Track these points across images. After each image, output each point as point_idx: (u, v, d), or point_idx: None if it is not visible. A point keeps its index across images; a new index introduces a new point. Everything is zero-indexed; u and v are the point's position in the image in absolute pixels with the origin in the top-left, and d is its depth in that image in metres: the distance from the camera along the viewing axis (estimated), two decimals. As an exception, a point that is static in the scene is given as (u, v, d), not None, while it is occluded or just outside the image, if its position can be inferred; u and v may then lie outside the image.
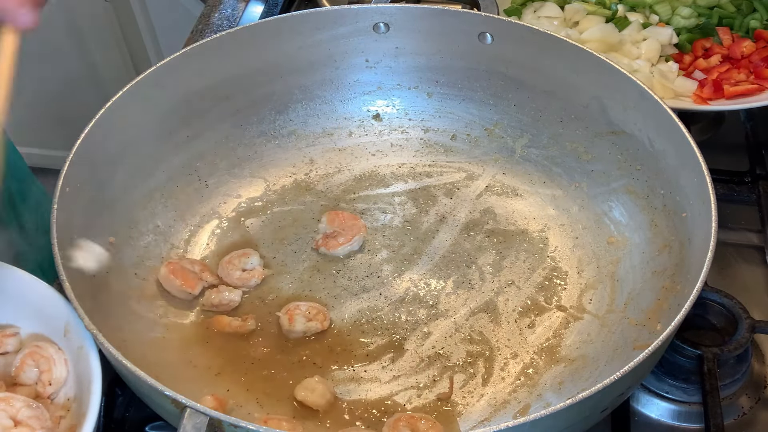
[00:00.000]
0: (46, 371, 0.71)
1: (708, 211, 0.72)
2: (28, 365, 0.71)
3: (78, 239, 0.75)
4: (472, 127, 0.98)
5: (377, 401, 0.76)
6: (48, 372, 0.71)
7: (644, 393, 0.80)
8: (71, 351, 0.71)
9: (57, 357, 0.71)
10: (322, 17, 0.93)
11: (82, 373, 0.69)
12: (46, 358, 0.71)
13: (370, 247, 0.90)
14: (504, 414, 0.75)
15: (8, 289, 0.74)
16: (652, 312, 0.76)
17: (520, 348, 0.81)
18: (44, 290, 0.72)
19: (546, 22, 1.16)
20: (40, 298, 0.72)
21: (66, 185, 0.75)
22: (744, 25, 1.16)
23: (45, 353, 0.71)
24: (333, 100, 0.99)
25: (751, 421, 0.78)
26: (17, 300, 0.74)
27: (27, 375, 0.71)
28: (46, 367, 0.71)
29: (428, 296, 0.85)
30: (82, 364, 0.69)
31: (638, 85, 0.82)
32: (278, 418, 0.73)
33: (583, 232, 0.89)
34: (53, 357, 0.71)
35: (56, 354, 0.71)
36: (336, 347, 0.80)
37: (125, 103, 0.82)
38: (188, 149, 0.92)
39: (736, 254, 0.93)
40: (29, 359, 0.71)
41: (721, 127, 1.10)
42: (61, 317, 0.71)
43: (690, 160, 0.76)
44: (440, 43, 0.95)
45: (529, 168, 0.95)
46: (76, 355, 0.70)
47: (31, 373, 0.71)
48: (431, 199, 0.95)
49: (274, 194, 0.95)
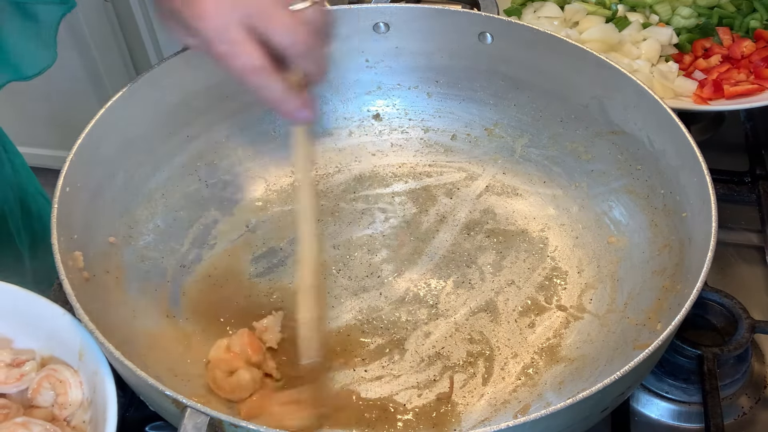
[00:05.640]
0: (62, 394, 0.71)
1: (708, 211, 0.72)
2: (44, 388, 0.71)
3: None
4: (472, 127, 0.98)
5: (377, 401, 0.76)
6: (64, 395, 0.71)
7: (644, 393, 0.80)
8: (87, 374, 0.71)
9: (73, 380, 0.71)
10: (322, 17, 0.93)
11: (98, 396, 0.69)
12: (62, 382, 0.71)
13: (370, 247, 0.90)
14: (504, 414, 0.75)
15: (22, 311, 0.74)
16: (652, 312, 0.76)
17: (521, 348, 0.81)
18: (59, 314, 0.72)
19: (546, 22, 1.16)
20: (54, 321, 0.72)
21: (66, 185, 0.75)
22: (744, 25, 1.16)
23: (61, 376, 0.71)
24: (333, 100, 0.99)
25: (751, 421, 0.78)
26: (31, 323, 0.74)
27: (43, 398, 0.71)
28: (62, 390, 0.71)
29: (428, 296, 0.85)
30: (98, 388, 0.69)
31: (638, 85, 0.82)
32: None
33: (583, 231, 0.89)
34: (69, 380, 0.71)
35: (72, 377, 0.71)
36: (336, 347, 0.80)
37: (125, 103, 0.82)
38: (188, 149, 0.91)
39: (736, 254, 0.93)
40: (45, 382, 0.71)
41: (721, 127, 1.10)
42: (75, 341, 0.71)
43: (690, 160, 0.76)
44: (440, 43, 0.95)
45: (529, 168, 0.95)
46: (92, 379, 0.70)
47: (47, 395, 0.71)
48: (431, 199, 0.95)
49: (274, 194, 0.95)
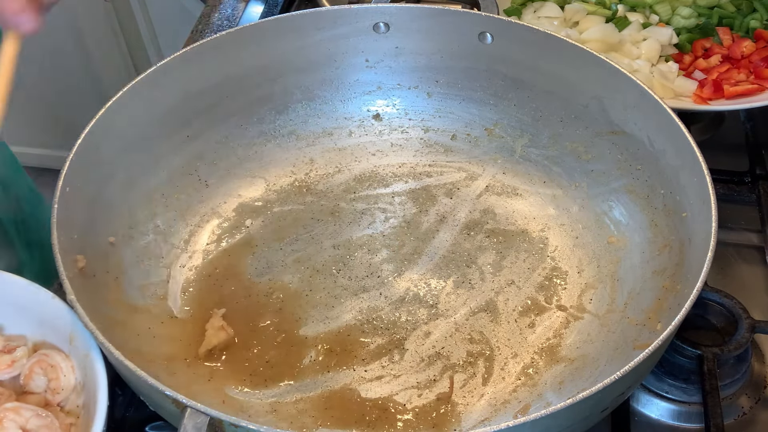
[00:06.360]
0: (54, 379, 0.71)
1: (708, 211, 0.72)
2: (36, 373, 0.71)
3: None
4: (472, 127, 0.98)
5: (377, 401, 0.76)
6: (56, 380, 0.71)
7: (644, 393, 0.80)
8: (78, 358, 0.71)
9: (64, 365, 0.71)
10: (322, 17, 0.93)
11: (89, 380, 0.69)
12: (54, 367, 0.71)
13: (370, 247, 0.90)
14: (504, 414, 0.75)
15: (12, 297, 0.74)
16: (652, 312, 0.76)
17: (521, 348, 0.81)
18: (48, 299, 0.72)
19: (546, 22, 1.16)
20: (45, 306, 0.72)
21: (66, 185, 0.75)
22: (744, 25, 1.16)
23: (52, 361, 0.71)
24: (333, 100, 0.99)
25: (751, 421, 0.78)
26: (22, 309, 0.74)
27: (36, 383, 0.71)
28: (54, 375, 0.71)
29: (428, 296, 0.85)
30: (88, 372, 0.69)
31: (638, 85, 0.82)
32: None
33: (584, 231, 0.89)
34: (60, 365, 0.71)
35: (63, 362, 0.71)
36: (336, 347, 0.80)
37: (125, 103, 0.82)
38: (188, 149, 0.91)
39: (736, 254, 0.93)
40: (37, 367, 0.71)
41: (721, 127, 1.10)
42: (66, 325, 0.71)
43: (690, 160, 0.76)
44: (440, 43, 0.95)
45: (529, 168, 0.95)
46: (83, 363, 0.70)
47: (39, 381, 0.71)
48: (431, 199, 0.95)
49: (274, 194, 0.95)
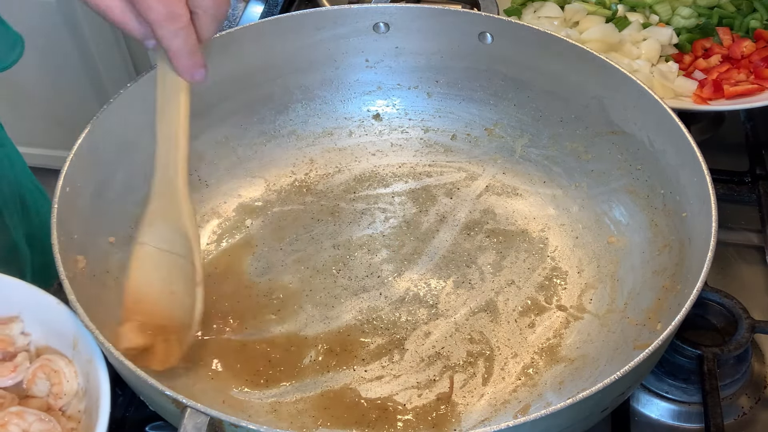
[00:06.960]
0: (57, 384, 0.71)
1: (708, 211, 0.72)
2: (39, 378, 0.71)
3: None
4: (472, 127, 0.98)
5: (377, 401, 0.76)
6: (59, 385, 0.71)
7: (644, 393, 0.80)
8: (81, 364, 0.71)
9: (67, 370, 0.71)
10: (322, 17, 0.92)
11: (92, 385, 0.69)
12: (57, 371, 0.71)
13: (370, 247, 0.90)
14: (504, 414, 0.75)
15: (17, 302, 0.74)
16: (652, 312, 0.76)
17: (521, 348, 0.81)
18: (53, 304, 0.72)
19: (546, 22, 1.16)
20: (49, 311, 0.72)
21: (66, 185, 0.75)
22: (744, 25, 1.16)
23: (55, 366, 0.71)
24: (333, 100, 0.99)
25: (751, 421, 0.78)
26: (26, 313, 0.74)
27: (38, 387, 0.71)
28: (56, 380, 0.71)
29: (428, 296, 0.85)
30: (91, 377, 0.69)
31: (638, 85, 0.82)
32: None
33: (583, 231, 0.89)
34: (63, 370, 0.71)
35: (66, 367, 0.71)
36: (336, 347, 0.80)
37: (125, 103, 0.82)
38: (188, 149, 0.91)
39: (736, 254, 0.93)
40: (40, 372, 0.71)
41: (721, 127, 1.10)
42: (70, 330, 0.71)
43: (690, 160, 0.76)
44: (440, 43, 0.95)
45: (529, 168, 0.95)
46: (86, 368, 0.70)
47: (42, 385, 0.71)
48: (431, 199, 0.95)
49: (274, 194, 0.95)
